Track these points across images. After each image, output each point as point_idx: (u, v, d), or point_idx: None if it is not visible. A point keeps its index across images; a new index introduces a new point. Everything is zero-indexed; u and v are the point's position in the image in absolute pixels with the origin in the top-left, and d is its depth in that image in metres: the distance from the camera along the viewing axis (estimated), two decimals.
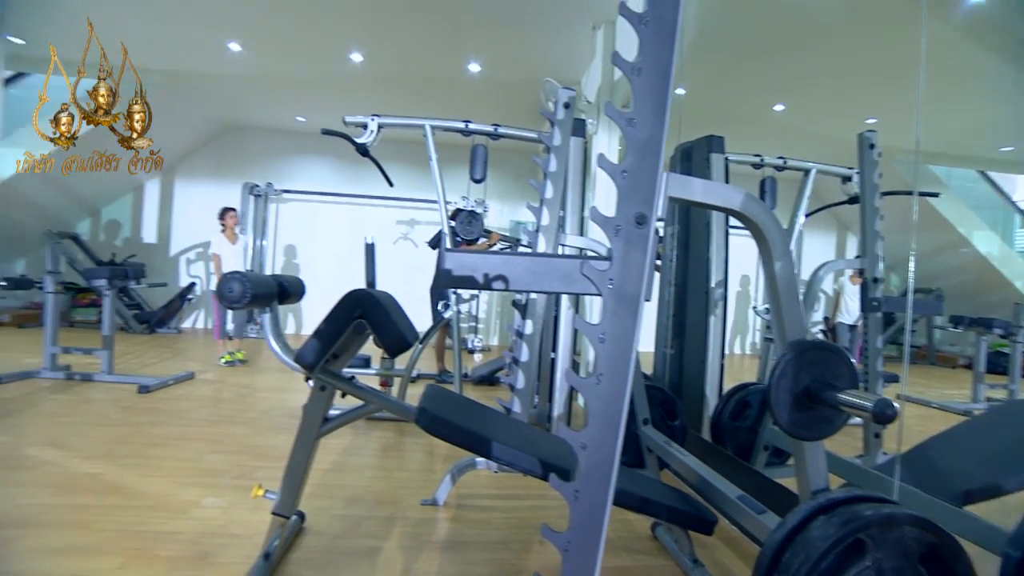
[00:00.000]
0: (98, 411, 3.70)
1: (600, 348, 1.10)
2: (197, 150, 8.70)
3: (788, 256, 1.28)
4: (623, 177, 1.13)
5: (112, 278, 4.70)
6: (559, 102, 2.77)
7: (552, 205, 2.66)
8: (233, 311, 5.54)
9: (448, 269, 1.13)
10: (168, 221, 8.66)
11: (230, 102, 7.64)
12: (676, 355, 3.22)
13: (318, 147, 8.62)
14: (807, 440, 1.28)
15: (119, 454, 2.90)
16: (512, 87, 6.37)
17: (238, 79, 6.70)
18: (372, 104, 6.14)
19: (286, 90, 7.04)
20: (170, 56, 6.16)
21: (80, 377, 4.53)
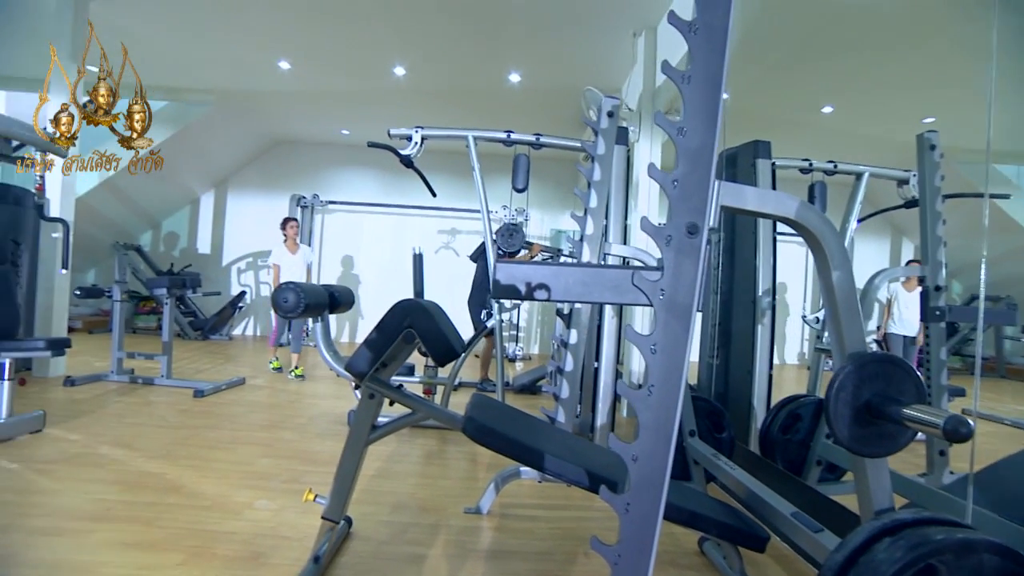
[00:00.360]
0: (158, 413, 3.86)
1: (652, 359, 1.09)
2: (248, 164, 9.01)
3: (846, 265, 1.24)
4: (674, 187, 1.12)
5: (171, 287, 4.91)
6: (602, 111, 2.76)
7: (596, 214, 2.65)
8: (291, 323, 5.68)
9: (501, 280, 1.14)
10: (221, 232, 8.98)
11: (279, 118, 7.90)
12: (722, 365, 3.16)
13: (362, 159, 8.81)
14: (869, 457, 1.23)
15: (178, 455, 3.01)
16: (552, 96, 6.38)
17: (287, 95, 6.92)
18: (414, 116, 6.24)
19: (331, 104, 7.23)
20: (225, 77, 6.43)
21: (142, 381, 4.74)
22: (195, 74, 6.45)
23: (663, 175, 1.14)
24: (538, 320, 9.04)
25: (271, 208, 8.86)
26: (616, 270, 1.16)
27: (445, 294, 9.20)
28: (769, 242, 2.93)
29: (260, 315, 8.96)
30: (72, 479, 2.62)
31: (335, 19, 4.96)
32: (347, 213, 8.89)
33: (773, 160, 3.00)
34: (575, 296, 1.18)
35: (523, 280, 1.18)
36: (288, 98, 7.04)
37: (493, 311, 3.76)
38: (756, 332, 2.87)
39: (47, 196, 4.90)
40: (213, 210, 9.01)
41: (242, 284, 8.93)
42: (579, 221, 2.74)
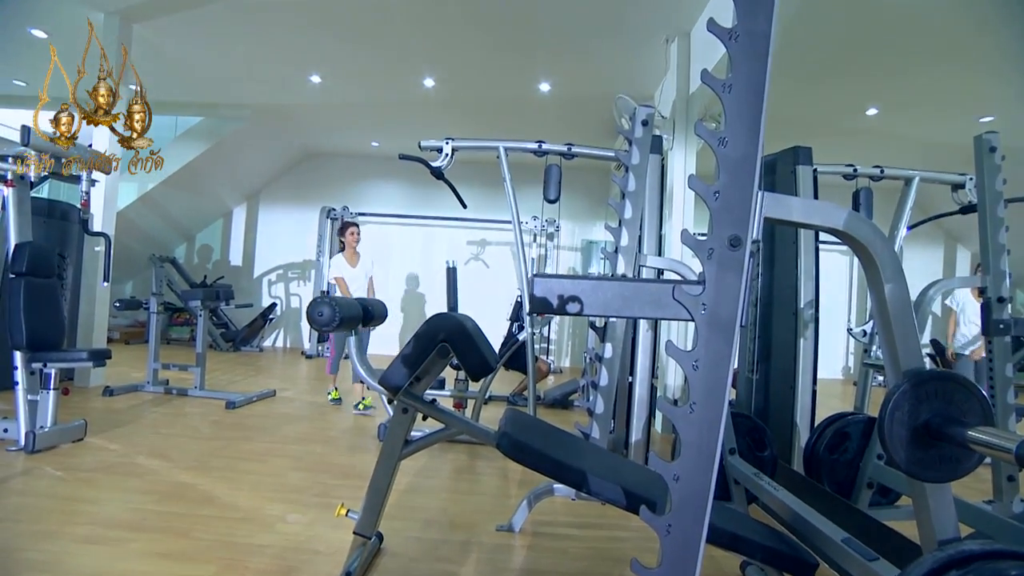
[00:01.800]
0: (192, 424, 3.96)
1: (693, 376, 1.08)
2: (279, 177, 9.23)
3: (900, 277, 1.21)
4: (715, 198, 1.11)
5: (205, 299, 5.05)
6: (637, 119, 2.76)
7: (631, 225, 2.64)
8: (329, 335, 5.58)
9: (537, 294, 1.14)
10: (252, 244, 9.21)
11: (310, 131, 8.09)
12: (762, 380, 3.09)
13: (391, 171, 8.94)
14: (930, 482, 1.19)
15: (211, 466, 3.08)
16: (584, 105, 6.40)
17: (318, 109, 7.09)
18: (444, 127, 6.32)
19: (361, 117, 7.38)
20: (258, 92, 6.62)
21: (176, 392, 4.88)
22: (229, 90, 6.66)
23: (704, 186, 1.13)
24: (569, 332, 9.01)
25: (301, 220, 9.05)
26: (656, 284, 1.16)
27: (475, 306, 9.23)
28: (811, 251, 2.87)
29: (290, 327, 9.13)
30: (111, 488, 2.71)
31: (365, 33, 5.07)
32: (376, 225, 9.03)
33: (815, 166, 2.94)
34: (614, 311, 1.18)
35: (561, 294, 1.18)
36: (319, 111, 7.20)
37: (526, 323, 3.76)
38: (798, 345, 2.81)
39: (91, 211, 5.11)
40: (245, 223, 9.26)
41: (272, 296, 9.13)
42: (613, 233, 2.73)
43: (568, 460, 1.48)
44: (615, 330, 2.73)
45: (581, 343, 8.71)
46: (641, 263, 2.66)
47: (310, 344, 8.14)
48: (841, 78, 5.20)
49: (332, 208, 8.60)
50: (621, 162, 2.79)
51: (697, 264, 1.21)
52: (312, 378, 6.52)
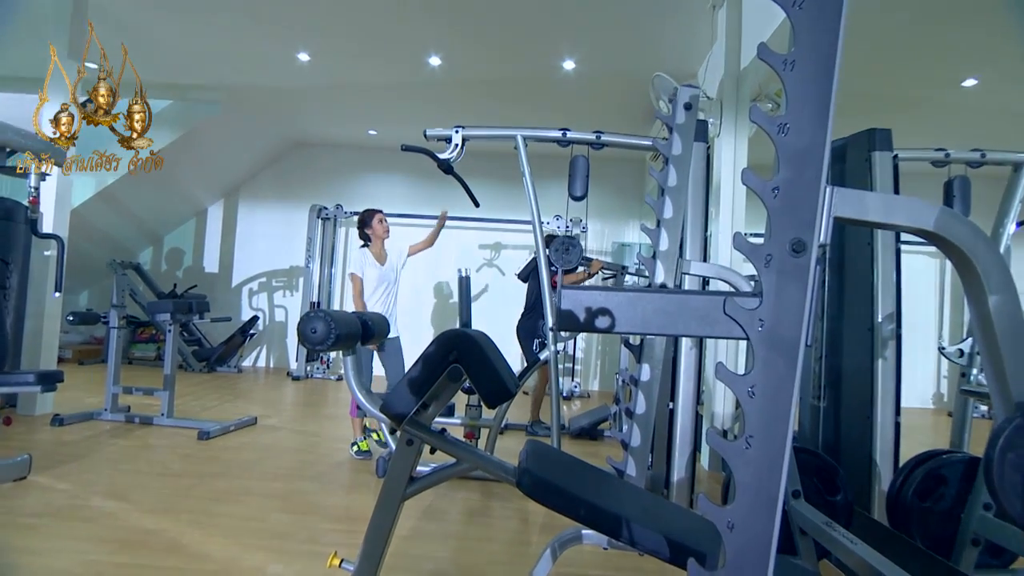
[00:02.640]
0: (158, 459, 4.00)
1: (749, 404, 1.07)
2: (261, 171, 9.35)
3: (1009, 288, 1.18)
4: (774, 195, 1.11)
5: (175, 312, 5.10)
6: (678, 102, 2.75)
7: (672, 226, 2.63)
8: (319, 352, 5.49)
9: (567, 310, 1.14)
10: (231, 249, 9.32)
11: (297, 117, 8.19)
12: (830, 409, 3.05)
13: (391, 163, 9.02)
14: None
15: (180, 509, 3.11)
16: (615, 85, 6.41)
17: (306, 92, 7.17)
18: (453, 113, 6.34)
19: (357, 101, 7.45)
20: (236, 72, 6.71)
21: (140, 420, 4.93)
22: (202, 69, 6.75)
23: (760, 182, 1.13)
24: (598, 351, 8.98)
25: (288, 221, 9.14)
26: (704, 297, 1.16)
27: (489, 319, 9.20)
28: (891, 253, 2.82)
29: (275, 344, 9.21)
30: (58, 536, 2.72)
31: (361, 3, 5.12)
32: None
33: (895, 152, 2.90)
34: (656, 328, 1.17)
35: (593, 309, 1.18)
36: (307, 95, 7.29)
37: (548, 340, 3.76)
38: (876, 368, 2.77)
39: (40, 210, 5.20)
40: (222, 223, 9.37)
41: (254, 308, 9.22)
42: (651, 235, 2.72)
43: (600, 502, 1.47)
44: (653, 348, 2.72)
45: (612, 363, 8.68)
46: (684, 271, 2.65)
47: (298, 364, 8.20)
48: (930, 40, 4.93)
49: (323, 207, 8.68)
50: (659, 152, 2.79)
51: (750, 270, 1.20)
52: (300, 403, 6.56)
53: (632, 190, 8.90)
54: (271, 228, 9.27)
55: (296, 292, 9.11)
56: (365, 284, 4.32)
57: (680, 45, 5.44)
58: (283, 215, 9.22)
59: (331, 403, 6.57)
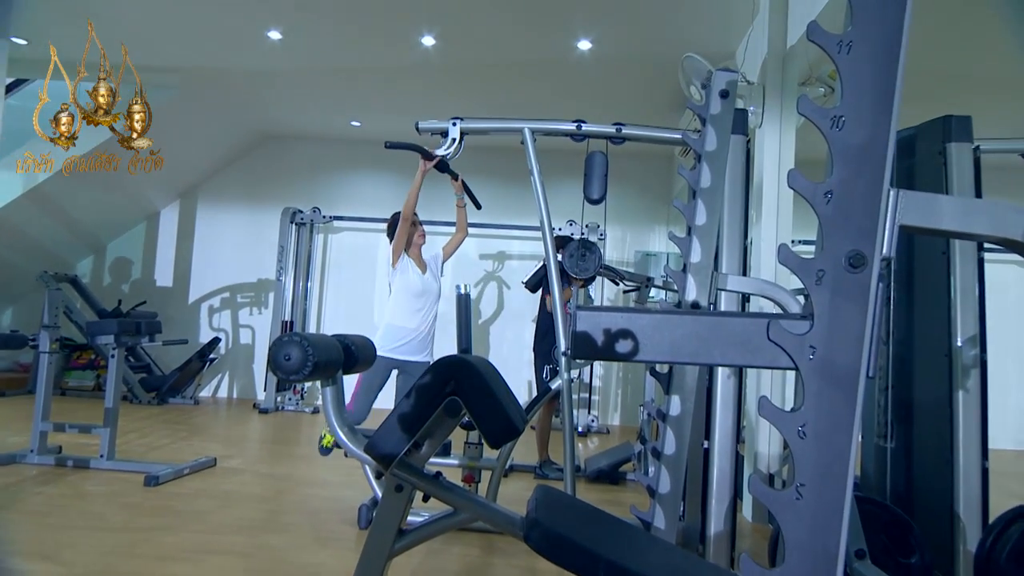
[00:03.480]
0: (96, 510, 3.97)
1: (800, 446, 1.07)
2: (225, 168, 9.40)
3: None
4: (827, 201, 1.11)
5: (120, 333, 5.06)
6: (712, 88, 2.76)
7: (705, 234, 2.64)
8: (293, 382, 5.18)
9: (583, 333, 1.14)
10: (188, 259, 9.35)
11: (267, 105, 8.23)
12: (900, 450, 3.03)
13: (377, 160, 9.04)
14: None
15: (121, 571, 3.08)
16: (638, 68, 6.43)
17: (278, 76, 7.22)
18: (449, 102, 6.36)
19: (337, 88, 7.50)
20: (195, 51, 6.74)
21: (74, 463, 4.85)
22: (154, 48, 6.75)
23: (810, 184, 1.13)
24: (618, 378, 8.97)
25: (256, 226, 9.17)
26: (744, 319, 1.16)
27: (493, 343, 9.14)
28: (971, 265, 2.80)
29: (239, 370, 9.21)
30: None
31: None
32: (357, 232, 9.14)
33: (976, 143, 2.89)
34: (687, 355, 1.18)
35: (613, 332, 1.18)
36: (280, 79, 7.34)
37: (560, 367, 3.75)
38: (956, 401, 2.74)
39: None
40: (177, 229, 9.41)
41: (215, 328, 9.23)
42: (680, 244, 2.73)
43: (623, 560, 1.46)
44: (684, 377, 2.72)
45: (636, 393, 8.64)
46: (720, 286, 2.65)
47: (266, 394, 8.19)
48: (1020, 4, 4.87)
49: (298, 210, 8.70)
50: (690, 147, 2.80)
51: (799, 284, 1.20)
52: (268, 441, 6.56)
53: (658, 191, 8.92)
54: (236, 234, 9.30)
55: (265, 309, 9.12)
56: (404, 296, 4.26)
57: (715, 21, 5.46)
58: (250, 219, 9.26)
59: (305, 441, 6.56)
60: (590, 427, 7.90)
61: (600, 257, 4.37)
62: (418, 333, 4.25)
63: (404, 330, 4.21)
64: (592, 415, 8.08)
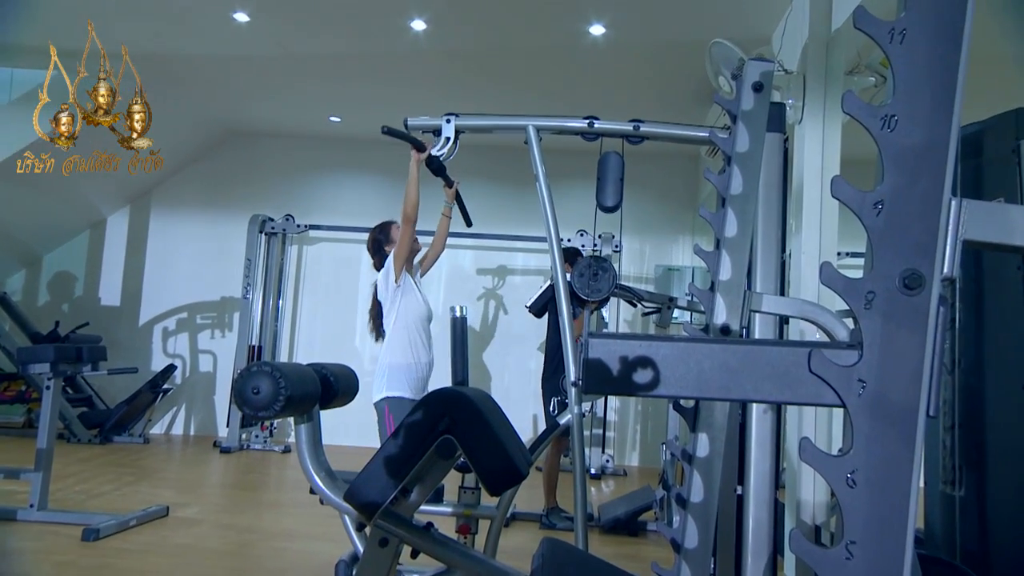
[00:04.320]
0: (22, 572, 3.92)
1: (849, 497, 1.06)
2: (183, 169, 9.41)
3: None
4: (877, 212, 1.11)
5: (57, 360, 5.03)
6: (745, 80, 2.77)
7: (736, 247, 2.63)
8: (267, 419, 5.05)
9: (595, 362, 1.14)
10: (138, 274, 9.34)
11: (233, 97, 8.26)
12: (971, 500, 3.01)
13: (360, 161, 9.10)
14: None
15: None
16: (658, 57, 6.45)
17: (245, 63, 7.24)
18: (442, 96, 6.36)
19: (314, 78, 7.52)
20: (148, 34, 6.72)
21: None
22: (102, 31, 6.70)
23: (856, 193, 1.13)
24: (637, 412, 8.94)
25: (219, 236, 9.17)
26: (781, 348, 1.15)
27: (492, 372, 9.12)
28: None
29: (197, 403, 9.19)
30: None
31: None
32: (337, 243, 9.15)
33: None
34: (716, 390, 1.17)
35: (630, 361, 1.18)
36: (247, 68, 7.37)
37: (570, 399, 3.75)
38: None
39: None
40: (127, 239, 9.41)
41: (170, 354, 9.21)
42: (707, 259, 2.72)
43: None
44: (713, 412, 2.70)
45: (658, 430, 8.63)
46: (753, 307, 2.64)
47: (229, 430, 8.15)
48: None
49: (268, 218, 8.69)
50: (719, 148, 2.81)
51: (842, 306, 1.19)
52: (231, 486, 6.53)
53: (682, 198, 8.94)
54: (196, 246, 9.30)
55: (229, 333, 9.12)
56: (415, 322, 4.15)
57: (747, 1, 5.48)
58: (213, 228, 9.27)
59: (274, 485, 6.54)
60: (604, 469, 7.86)
61: (615, 275, 4.37)
62: (431, 368, 4.19)
63: (422, 367, 4.10)
64: (607, 455, 8.05)
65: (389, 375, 3.99)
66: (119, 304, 9.32)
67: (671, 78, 6.77)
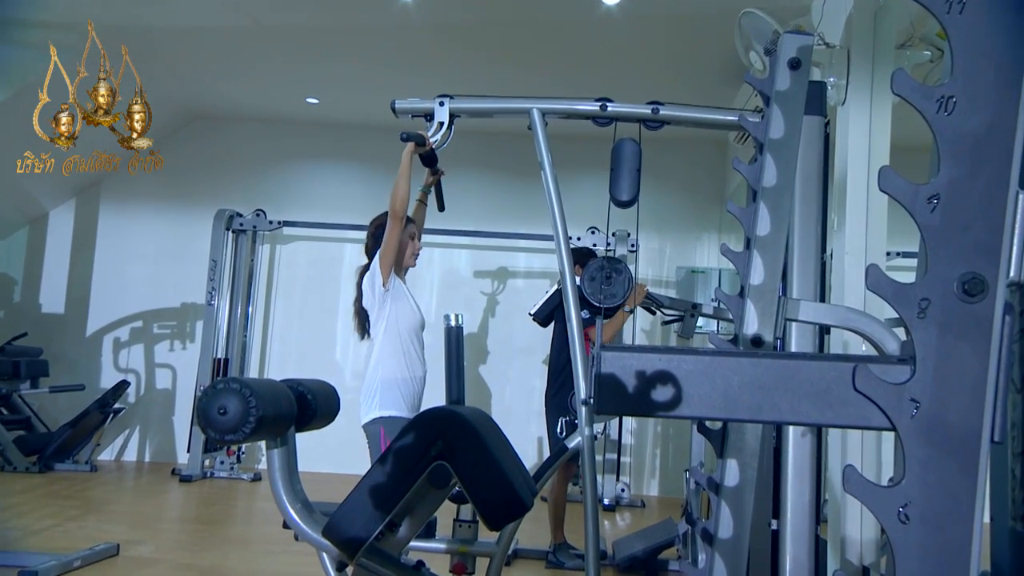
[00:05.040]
0: None
1: (902, 535, 1.06)
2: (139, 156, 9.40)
3: None
4: (932, 208, 1.11)
5: None
6: (779, 56, 2.77)
7: (769, 248, 2.63)
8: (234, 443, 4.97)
9: (608, 377, 1.14)
10: (86, 277, 9.31)
11: (197, 75, 8.24)
12: None
13: (341, 148, 9.10)
14: None
15: None
16: (679, 30, 6.46)
17: (210, 35, 7.23)
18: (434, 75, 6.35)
19: (289, 55, 7.50)
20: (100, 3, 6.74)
21: None
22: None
23: (909, 187, 1.13)
24: (656, 434, 8.94)
25: (179, 234, 9.16)
26: (821, 363, 1.16)
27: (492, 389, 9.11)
28: None
29: (153, 425, 9.18)
30: None
31: None
32: (315, 242, 9.15)
33: None
34: (746, 411, 1.17)
35: (649, 379, 1.18)
36: (214, 42, 7.37)
37: (580, 420, 3.75)
38: None
39: None
40: (72, 238, 9.38)
41: (123, 370, 9.19)
42: (737, 260, 2.72)
43: None
44: (743, 435, 2.70)
45: (680, 454, 8.61)
46: (789, 315, 2.64)
47: (189, 456, 8.13)
48: None
49: (236, 212, 8.65)
50: (749, 133, 2.81)
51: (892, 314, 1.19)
52: (192, 519, 6.53)
53: (707, 191, 8.94)
54: (153, 245, 9.29)
55: (191, 344, 9.09)
56: (408, 332, 4.09)
57: None
58: (173, 225, 9.27)
59: (242, 519, 6.54)
60: (619, 499, 7.86)
61: (631, 279, 4.38)
62: (425, 383, 4.10)
63: (417, 381, 4.04)
64: (622, 483, 8.05)
65: (382, 392, 3.93)
66: (63, 312, 9.29)
67: (695, 54, 6.79)
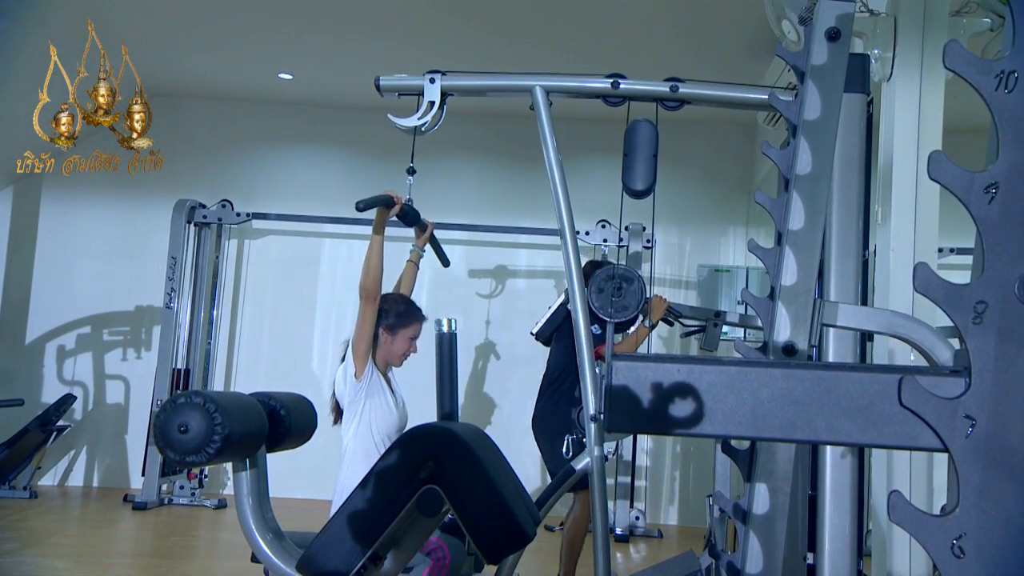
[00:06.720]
0: None
1: (956, 571, 1.06)
2: (87, 138, 9.37)
3: None
4: (989, 199, 1.11)
5: None
6: (816, 27, 2.78)
7: (803, 243, 2.64)
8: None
9: (621, 390, 1.15)
10: (26, 276, 9.30)
11: (155, 49, 8.23)
12: None
13: (318, 130, 9.08)
14: None
15: None
16: None
17: (172, 5, 7.24)
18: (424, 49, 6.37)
19: (260, 24, 7.52)
20: None
21: None
22: None
23: (963, 175, 1.14)
24: (675, 454, 8.95)
25: (133, 227, 9.15)
26: (863, 374, 1.16)
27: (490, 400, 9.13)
28: None
29: (103, 445, 9.16)
30: None
31: None
32: (288, 236, 9.14)
33: None
34: (777, 428, 1.17)
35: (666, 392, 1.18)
36: (175, 10, 7.38)
37: (588, 438, 3.76)
38: None
39: None
40: (8, 231, 9.35)
41: (68, 382, 9.17)
42: (766, 258, 2.73)
43: None
44: (774, 456, 2.71)
45: (702, 478, 8.63)
46: (826, 321, 2.65)
47: (144, 480, 8.12)
48: None
49: (199, 203, 8.64)
50: (781, 114, 2.82)
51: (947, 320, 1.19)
52: (146, 552, 6.53)
53: (732, 179, 8.96)
54: (104, 240, 9.28)
55: (147, 352, 9.09)
56: (379, 437, 3.56)
57: None
58: (126, 216, 9.26)
59: (204, 551, 6.54)
60: (633, 528, 7.87)
61: (643, 289, 4.37)
62: None
63: None
64: (636, 510, 8.06)
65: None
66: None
67: (719, 24, 6.79)
